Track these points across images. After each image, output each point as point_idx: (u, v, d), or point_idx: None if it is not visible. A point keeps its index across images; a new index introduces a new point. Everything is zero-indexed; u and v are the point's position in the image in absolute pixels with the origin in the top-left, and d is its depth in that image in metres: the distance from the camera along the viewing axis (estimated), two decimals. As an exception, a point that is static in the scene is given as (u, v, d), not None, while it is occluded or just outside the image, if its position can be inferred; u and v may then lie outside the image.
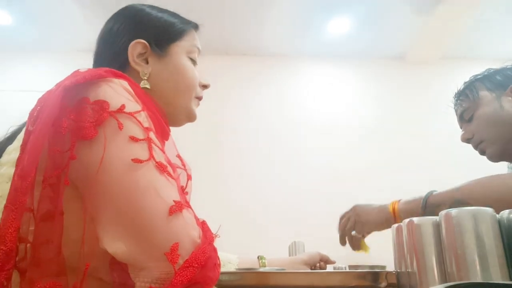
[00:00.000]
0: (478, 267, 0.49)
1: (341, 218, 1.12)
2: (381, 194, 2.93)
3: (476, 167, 2.51)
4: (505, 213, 0.52)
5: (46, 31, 2.79)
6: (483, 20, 2.75)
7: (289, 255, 1.35)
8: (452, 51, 3.03)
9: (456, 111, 1.21)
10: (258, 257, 1.07)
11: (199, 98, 0.81)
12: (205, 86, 0.82)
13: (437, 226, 0.56)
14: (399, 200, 1.00)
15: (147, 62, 0.74)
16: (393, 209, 0.99)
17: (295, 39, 2.96)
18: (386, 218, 1.00)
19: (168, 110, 0.74)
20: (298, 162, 2.85)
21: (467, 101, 1.16)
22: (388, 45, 3.02)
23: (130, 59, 0.72)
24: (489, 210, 0.52)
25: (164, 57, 0.75)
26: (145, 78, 0.72)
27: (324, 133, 2.94)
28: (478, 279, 0.49)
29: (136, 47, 0.73)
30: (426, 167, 2.85)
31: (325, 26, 2.81)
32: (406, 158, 2.89)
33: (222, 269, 0.93)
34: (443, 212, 0.55)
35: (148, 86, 0.72)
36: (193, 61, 0.79)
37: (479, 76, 1.18)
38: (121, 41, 0.74)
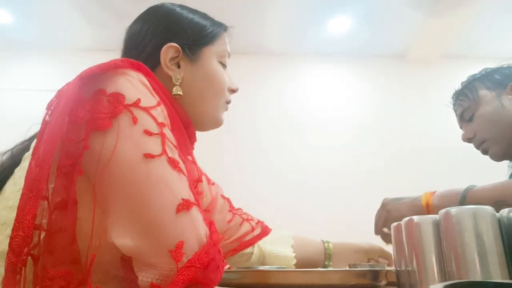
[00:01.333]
0: (478, 266, 0.49)
1: (375, 218, 1.07)
2: (380, 193, 2.93)
3: (476, 166, 2.51)
4: (505, 212, 0.52)
5: (46, 30, 2.79)
6: (483, 18, 2.75)
7: None
8: (452, 50, 3.03)
9: (455, 111, 1.22)
10: (323, 241, 1.04)
11: (228, 103, 0.80)
12: (233, 91, 0.81)
13: (437, 225, 0.56)
14: (434, 193, 0.95)
15: (178, 67, 0.73)
16: (427, 204, 0.94)
17: (295, 38, 2.96)
18: (418, 212, 0.94)
19: (195, 115, 0.73)
20: (298, 160, 2.86)
21: (467, 101, 1.16)
22: (388, 43, 3.03)
23: (162, 63, 0.71)
24: (489, 208, 0.52)
25: (195, 61, 0.74)
26: (178, 83, 0.71)
27: (324, 132, 2.94)
28: (478, 277, 0.49)
29: (168, 51, 0.72)
30: (426, 165, 2.85)
31: (325, 24, 2.81)
32: (405, 157, 2.89)
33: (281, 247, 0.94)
34: (442, 211, 0.55)
35: (180, 93, 0.70)
36: (223, 65, 0.78)
37: (477, 76, 1.18)
38: (151, 44, 0.72)
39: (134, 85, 0.56)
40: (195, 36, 0.74)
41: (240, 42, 2.88)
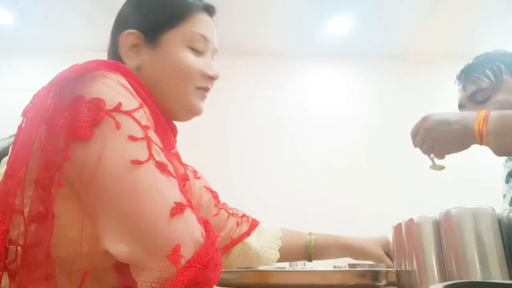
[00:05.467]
0: (478, 266, 0.50)
1: (414, 136, 0.96)
2: (380, 193, 2.93)
3: (475, 165, 2.49)
4: (505, 212, 0.52)
5: (46, 30, 2.79)
6: (484, 19, 2.75)
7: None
8: (453, 50, 3.02)
9: (464, 86, 1.08)
10: (308, 234, 0.99)
11: (204, 89, 0.73)
12: (210, 77, 0.73)
13: (437, 225, 0.56)
14: (487, 117, 0.79)
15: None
16: (480, 134, 0.80)
17: (296, 38, 2.95)
18: (471, 143, 0.83)
19: (167, 105, 0.70)
20: (298, 161, 2.85)
21: (486, 81, 1.03)
22: (389, 44, 3.02)
23: (121, 52, 0.68)
24: (489, 209, 0.52)
25: (155, 48, 0.69)
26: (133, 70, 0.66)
27: (324, 133, 2.94)
28: (478, 278, 0.49)
29: (127, 39, 0.68)
30: (425, 165, 2.84)
31: (326, 25, 2.81)
32: (406, 157, 2.88)
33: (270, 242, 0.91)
34: (443, 211, 0.55)
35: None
36: (195, 51, 0.71)
37: (499, 56, 1.06)
38: (119, 32, 0.70)
39: (113, 89, 0.53)
40: (155, 19, 0.69)
41: (240, 42, 2.88)
